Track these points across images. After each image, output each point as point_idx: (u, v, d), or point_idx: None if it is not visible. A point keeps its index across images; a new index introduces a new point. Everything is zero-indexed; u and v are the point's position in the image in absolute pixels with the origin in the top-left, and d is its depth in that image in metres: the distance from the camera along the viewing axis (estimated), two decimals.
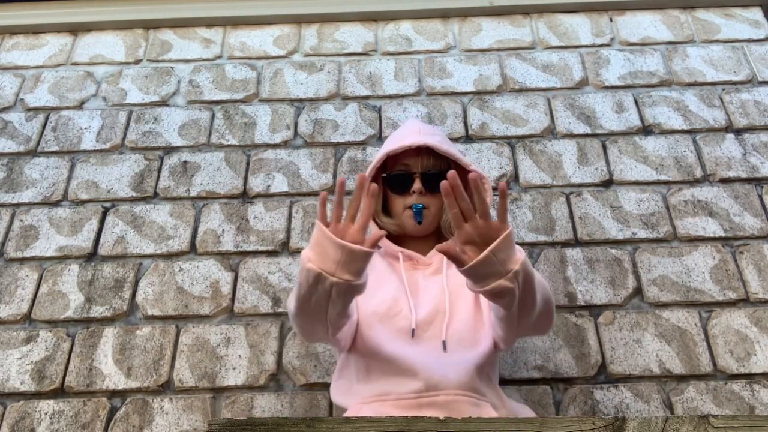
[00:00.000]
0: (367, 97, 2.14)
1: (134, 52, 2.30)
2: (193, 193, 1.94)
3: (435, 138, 1.43)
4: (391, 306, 1.30)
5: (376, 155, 1.48)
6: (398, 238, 1.46)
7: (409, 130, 1.47)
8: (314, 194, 1.92)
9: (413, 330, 1.26)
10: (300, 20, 2.35)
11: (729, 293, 1.71)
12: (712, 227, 1.82)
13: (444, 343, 1.25)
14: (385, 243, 1.44)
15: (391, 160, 1.44)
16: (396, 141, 1.45)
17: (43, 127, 2.11)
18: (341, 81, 2.19)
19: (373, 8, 2.33)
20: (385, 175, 1.46)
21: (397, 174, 1.43)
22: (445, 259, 1.39)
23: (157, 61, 2.27)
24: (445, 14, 2.35)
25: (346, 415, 1.22)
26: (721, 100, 2.08)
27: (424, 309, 1.30)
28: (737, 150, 1.97)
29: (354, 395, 1.27)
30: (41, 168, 2.01)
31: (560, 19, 2.32)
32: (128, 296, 1.75)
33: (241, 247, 1.82)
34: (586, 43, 2.25)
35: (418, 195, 1.39)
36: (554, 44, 2.25)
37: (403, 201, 1.42)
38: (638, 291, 1.72)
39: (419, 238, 1.44)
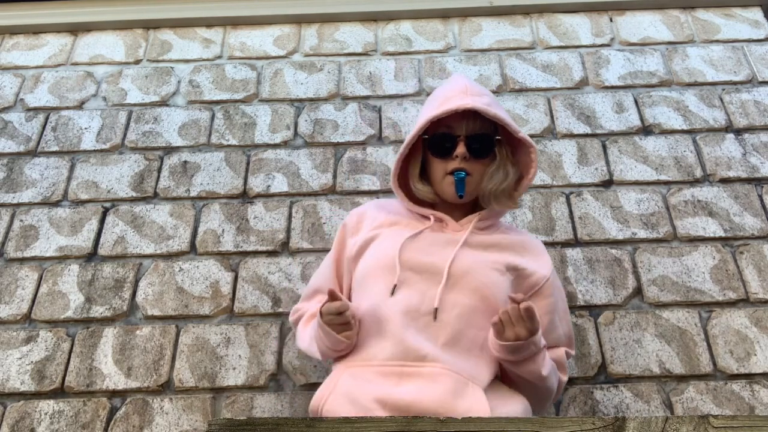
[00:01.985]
0: (367, 97, 2.14)
1: (134, 52, 2.30)
2: (193, 193, 1.94)
3: (483, 99, 1.32)
4: (380, 259, 1.26)
5: (419, 117, 1.39)
6: (432, 204, 1.37)
7: (455, 90, 1.35)
8: (314, 194, 1.92)
9: (394, 286, 1.21)
10: (300, 20, 2.35)
11: (729, 293, 1.71)
12: (712, 227, 1.82)
13: (436, 311, 1.18)
14: (415, 207, 1.36)
15: (433, 120, 1.33)
16: (440, 102, 1.33)
17: (43, 127, 2.11)
18: (341, 81, 2.18)
19: (373, 8, 2.33)
20: (426, 137, 1.35)
21: (440, 136, 1.33)
22: (472, 227, 1.32)
23: (157, 61, 2.27)
24: (445, 14, 2.35)
25: (329, 377, 1.23)
26: (721, 100, 2.08)
27: (418, 270, 1.23)
28: (737, 150, 1.97)
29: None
30: (41, 168, 2.01)
31: (560, 19, 2.32)
32: (128, 296, 1.75)
33: (241, 247, 1.82)
34: (586, 43, 2.25)
35: (461, 160, 1.30)
36: (554, 44, 2.25)
37: (445, 166, 1.31)
38: (638, 291, 1.72)
39: (454, 204, 1.35)
